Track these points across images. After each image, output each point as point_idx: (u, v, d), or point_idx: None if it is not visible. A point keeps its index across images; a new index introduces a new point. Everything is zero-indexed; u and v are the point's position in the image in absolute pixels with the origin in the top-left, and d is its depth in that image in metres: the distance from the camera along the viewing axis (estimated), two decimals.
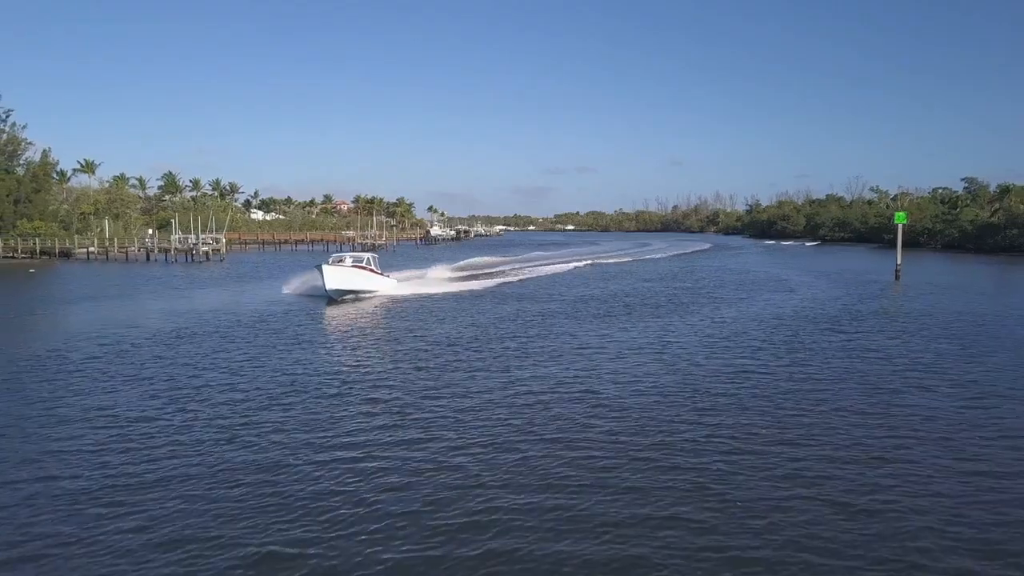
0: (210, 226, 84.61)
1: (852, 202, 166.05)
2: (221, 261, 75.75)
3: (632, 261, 76.18)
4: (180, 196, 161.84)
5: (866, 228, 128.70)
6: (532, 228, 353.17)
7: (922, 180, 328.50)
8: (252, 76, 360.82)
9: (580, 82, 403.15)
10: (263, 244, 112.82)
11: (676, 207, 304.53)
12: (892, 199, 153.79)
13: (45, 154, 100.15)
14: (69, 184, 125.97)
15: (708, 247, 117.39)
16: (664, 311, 32.08)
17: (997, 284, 48.87)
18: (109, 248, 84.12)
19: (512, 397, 15.81)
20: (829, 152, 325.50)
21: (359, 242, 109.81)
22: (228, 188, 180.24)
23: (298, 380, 17.68)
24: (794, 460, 11.59)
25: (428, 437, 12.77)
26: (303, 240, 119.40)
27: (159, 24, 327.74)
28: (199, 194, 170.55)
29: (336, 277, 35.50)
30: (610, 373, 18.44)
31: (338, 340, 24.53)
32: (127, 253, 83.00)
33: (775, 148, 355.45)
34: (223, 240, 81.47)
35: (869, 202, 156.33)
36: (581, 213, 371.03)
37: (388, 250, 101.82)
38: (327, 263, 36.48)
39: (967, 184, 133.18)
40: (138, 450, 12.09)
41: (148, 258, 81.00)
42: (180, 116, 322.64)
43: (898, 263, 50.37)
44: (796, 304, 34.79)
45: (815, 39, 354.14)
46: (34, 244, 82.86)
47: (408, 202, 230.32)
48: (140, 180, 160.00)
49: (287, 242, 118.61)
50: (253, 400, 15.68)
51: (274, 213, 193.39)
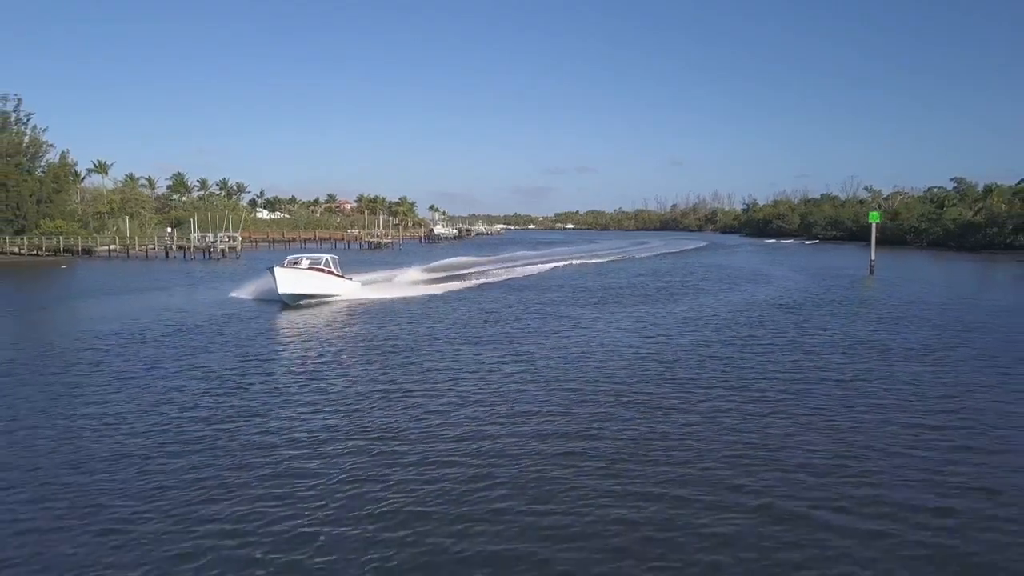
0: (226, 225, 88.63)
1: (845, 201, 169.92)
2: (237, 258, 79.75)
3: (612, 261, 72.88)
4: (188, 196, 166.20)
5: (857, 227, 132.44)
6: (532, 227, 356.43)
7: (920, 179, 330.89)
8: (252, 76, 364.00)
9: (580, 82, 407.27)
10: (273, 242, 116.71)
11: (675, 206, 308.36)
12: (885, 198, 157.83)
13: (64, 156, 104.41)
14: (83, 184, 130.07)
15: (703, 245, 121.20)
16: (651, 300, 36.04)
17: (958, 277, 52.80)
18: (129, 246, 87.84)
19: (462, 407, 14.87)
20: (829, 152, 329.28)
21: (367, 240, 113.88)
22: (235, 188, 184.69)
23: (211, 391, 16.45)
24: (723, 394, 15.57)
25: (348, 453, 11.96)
26: (312, 238, 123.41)
27: (159, 24, 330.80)
28: (206, 194, 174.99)
29: (289, 280, 32.64)
30: (584, 364, 22.30)
31: (276, 348, 22.53)
32: (147, 251, 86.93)
33: (775, 148, 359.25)
34: (239, 238, 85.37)
35: (861, 201, 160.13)
36: (581, 212, 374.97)
37: (394, 248, 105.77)
38: (280, 265, 33.70)
39: (956, 184, 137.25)
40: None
41: (167, 256, 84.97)
42: (180, 116, 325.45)
43: (872, 258, 54.54)
44: (769, 294, 38.77)
45: (815, 39, 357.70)
46: (57, 242, 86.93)
47: (410, 201, 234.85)
48: (149, 180, 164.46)
49: (295, 240, 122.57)
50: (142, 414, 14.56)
51: (279, 212, 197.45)
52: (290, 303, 32.82)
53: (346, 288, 36.23)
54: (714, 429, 13.26)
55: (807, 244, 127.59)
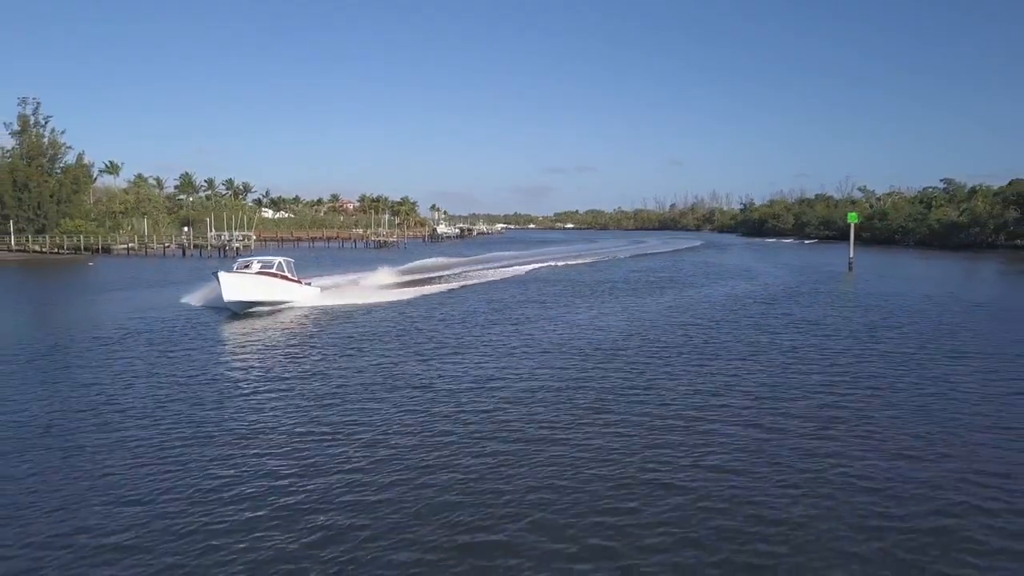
0: (239, 224, 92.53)
1: (839, 202, 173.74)
2: (251, 255, 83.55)
3: (590, 263, 69.34)
4: (195, 196, 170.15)
5: (848, 226, 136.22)
6: (532, 226, 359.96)
7: (917, 180, 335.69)
8: (252, 76, 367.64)
9: (580, 82, 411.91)
10: (282, 241, 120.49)
11: (674, 206, 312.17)
12: (878, 199, 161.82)
13: (80, 157, 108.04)
14: (94, 184, 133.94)
15: (699, 244, 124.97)
16: (641, 292, 39.91)
17: (927, 273, 56.64)
18: (148, 244, 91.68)
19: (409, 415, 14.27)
20: (828, 152, 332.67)
21: (373, 239, 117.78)
22: (241, 188, 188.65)
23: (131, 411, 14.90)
24: (691, 359, 19.44)
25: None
26: (319, 237, 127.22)
27: (159, 24, 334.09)
28: (213, 193, 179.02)
29: (236, 286, 30.10)
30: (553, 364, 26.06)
31: (204, 366, 19.68)
32: (164, 249, 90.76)
33: (774, 148, 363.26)
34: (253, 237, 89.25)
35: (853, 201, 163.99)
36: (581, 212, 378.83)
37: (399, 247, 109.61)
38: (226, 270, 31.61)
39: (946, 185, 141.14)
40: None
41: (184, 254, 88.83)
42: (180, 116, 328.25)
43: (851, 256, 58.42)
44: (749, 287, 42.66)
45: (814, 39, 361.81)
46: (78, 241, 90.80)
47: (412, 201, 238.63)
48: (158, 180, 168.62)
49: (303, 239, 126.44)
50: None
51: (283, 212, 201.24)
52: (238, 311, 30.26)
53: (302, 294, 33.81)
54: (675, 382, 17.13)
55: (802, 244, 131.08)
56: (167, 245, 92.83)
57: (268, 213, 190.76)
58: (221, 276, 30.21)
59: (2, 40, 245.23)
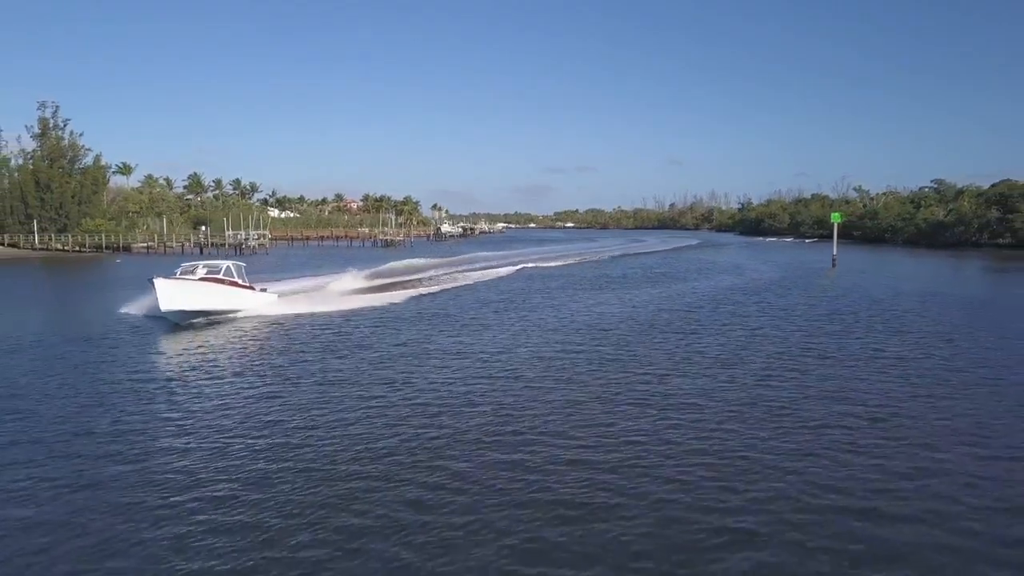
0: (254, 223, 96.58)
1: (834, 201, 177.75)
2: (267, 254, 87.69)
3: (576, 263, 67.39)
4: (202, 195, 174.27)
5: (841, 226, 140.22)
6: (532, 226, 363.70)
7: (915, 179, 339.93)
8: (252, 76, 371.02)
9: (580, 82, 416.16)
10: (292, 240, 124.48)
11: (673, 205, 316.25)
12: (871, 199, 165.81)
13: (97, 159, 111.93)
14: (108, 184, 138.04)
15: (696, 243, 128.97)
16: (640, 285, 43.91)
17: (906, 270, 60.66)
18: (167, 242, 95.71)
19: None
20: (827, 151, 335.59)
21: (380, 238, 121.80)
22: (248, 188, 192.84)
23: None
24: (673, 336, 23.43)
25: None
26: (328, 236, 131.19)
27: (158, 24, 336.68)
28: (220, 193, 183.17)
29: (173, 294, 27.08)
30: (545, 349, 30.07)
31: (125, 385, 17.47)
32: (183, 247, 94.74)
33: (774, 147, 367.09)
34: (268, 235, 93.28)
35: (847, 201, 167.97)
36: (581, 211, 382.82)
37: (405, 246, 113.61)
38: (163, 275, 27.86)
39: (936, 185, 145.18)
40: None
41: (201, 252, 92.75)
42: (180, 115, 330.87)
43: (834, 253, 62.51)
44: (736, 281, 46.70)
45: (814, 39, 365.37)
46: (99, 240, 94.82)
47: (415, 201, 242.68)
48: (167, 180, 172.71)
49: (311, 238, 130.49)
50: None
51: (288, 212, 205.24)
52: (178, 321, 27.45)
53: (254, 301, 30.86)
54: (656, 352, 21.13)
55: (799, 243, 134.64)
56: (185, 243, 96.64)
57: (274, 213, 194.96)
58: (157, 283, 26.85)
59: (2, 39, 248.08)
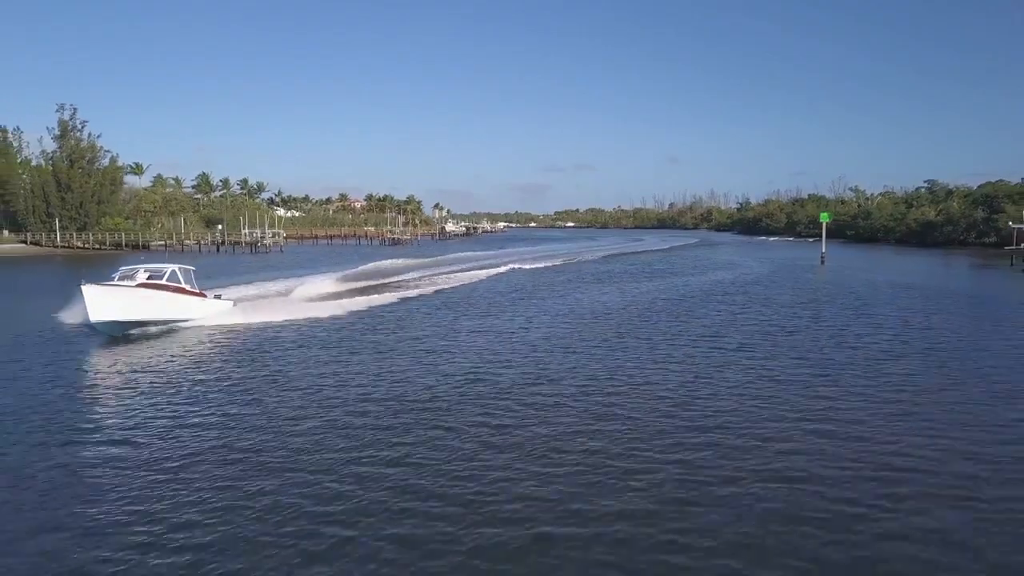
0: (266, 223, 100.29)
1: (830, 201, 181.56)
2: (281, 251, 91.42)
3: (564, 264, 65.17)
4: (210, 195, 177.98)
5: (836, 225, 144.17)
6: (533, 224, 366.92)
7: (914, 179, 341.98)
8: (251, 75, 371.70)
9: (579, 81, 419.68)
10: (302, 239, 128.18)
11: (672, 204, 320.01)
12: (867, 199, 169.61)
13: (113, 160, 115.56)
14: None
15: (695, 242, 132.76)
16: (634, 280, 47.61)
17: (891, 265, 64.29)
18: (183, 240, 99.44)
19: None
20: (827, 150, 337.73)
21: (389, 237, 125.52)
22: (255, 187, 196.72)
23: None
24: (671, 338, 27.14)
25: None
26: (338, 235, 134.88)
27: (158, 23, 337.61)
28: (227, 192, 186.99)
29: (104, 303, 23.94)
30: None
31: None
32: (200, 245, 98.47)
33: (773, 146, 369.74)
34: (282, 234, 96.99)
35: (843, 201, 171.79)
36: (581, 210, 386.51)
37: (413, 244, 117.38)
38: (93, 281, 24.57)
39: (929, 186, 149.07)
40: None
41: (218, 250, 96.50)
42: (179, 115, 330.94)
43: (823, 251, 66.27)
44: (727, 276, 50.47)
45: (814, 38, 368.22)
46: (119, 238, 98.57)
47: (417, 200, 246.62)
48: (177, 180, 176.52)
49: (320, 237, 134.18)
50: None
51: (293, 211, 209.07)
52: (114, 333, 24.42)
53: (204, 310, 27.79)
54: (652, 330, 24.85)
55: (795, 242, 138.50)
56: (202, 242, 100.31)
57: (279, 212, 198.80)
58: (85, 290, 23.55)
59: (1, 38, 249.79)
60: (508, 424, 14.00)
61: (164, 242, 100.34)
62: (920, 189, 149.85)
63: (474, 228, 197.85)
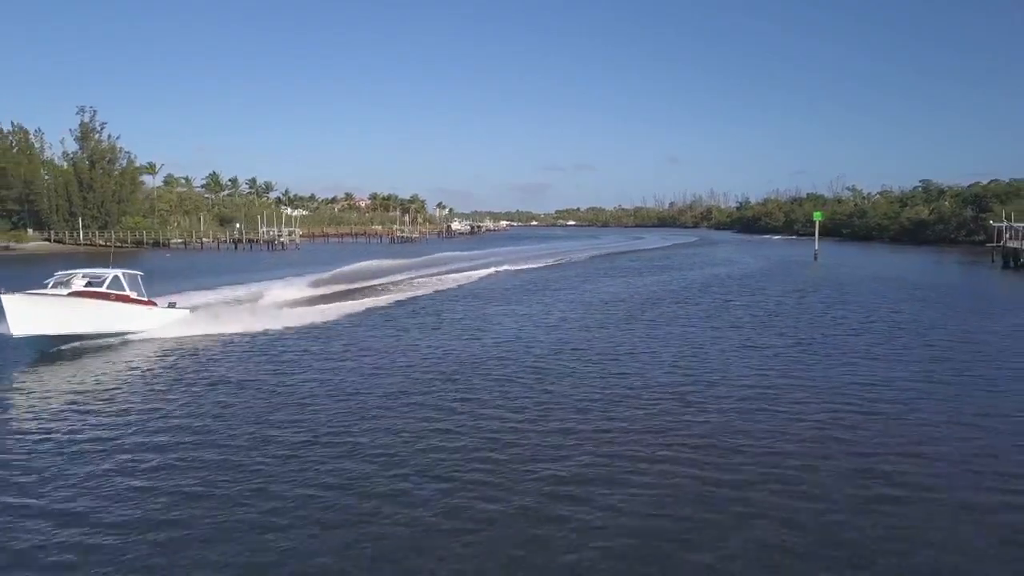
0: (279, 222, 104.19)
1: (827, 200, 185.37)
2: (297, 249, 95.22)
3: (555, 265, 62.03)
4: (219, 194, 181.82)
5: (832, 224, 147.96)
6: (535, 223, 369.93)
7: (912, 179, 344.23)
8: (251, 75, 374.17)
9: (578, 80, 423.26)
10: (313, 236, 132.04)
11: (673, 203, 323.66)
12: (863, 198, 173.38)
13: (131, 161, 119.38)
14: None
15: (694, 240, 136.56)
16: (636, 274, 51.39)
17: (879, 263, 68.05)
18: (203, 238, 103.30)
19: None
20: (827, 150, 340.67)
21: (398, 235, 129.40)
22: (264, 187, 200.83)
23: None
24: (662, 325, 30.95)
25: None
26: (348, 233, 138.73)
27: (158, 23, 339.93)
28: (235, 191, 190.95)
29: (27, 314, 21.50)
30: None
31: None
32: (218, 243, 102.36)
33: (773, 145, 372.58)
34: (299, 232, 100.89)
35: (840, 200, 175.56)
36: (582, 209, 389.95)
37: (422, 241, 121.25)
38: (13, 290, 22.01)
39: (923, 185, 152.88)
40: None
41: (236, 247, 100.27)
42: (178, 114, 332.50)
43: (816, 248, 70.16)
44: (722, 270, 54.32)
45: (814, 37, 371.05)
46: (141, 236, 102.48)
47: (421, 199, 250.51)
48: (187, 179, 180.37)
49: (331, 236, 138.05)
50: None
51: (300, 210, 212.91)
52: (44, 348, 22.11)
53: (153, 320, 24.85)
54: (657, 313, 28.64)
55: (791, 240, 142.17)
56: (221, 240, 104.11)
57: (286, 211, 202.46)
58: (5, 300, 21.23)
59: (2, 38, 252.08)
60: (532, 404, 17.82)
61: (183, 240, 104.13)
62: (917, 188, 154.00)
63: (478, 227, 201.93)
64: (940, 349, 21.45)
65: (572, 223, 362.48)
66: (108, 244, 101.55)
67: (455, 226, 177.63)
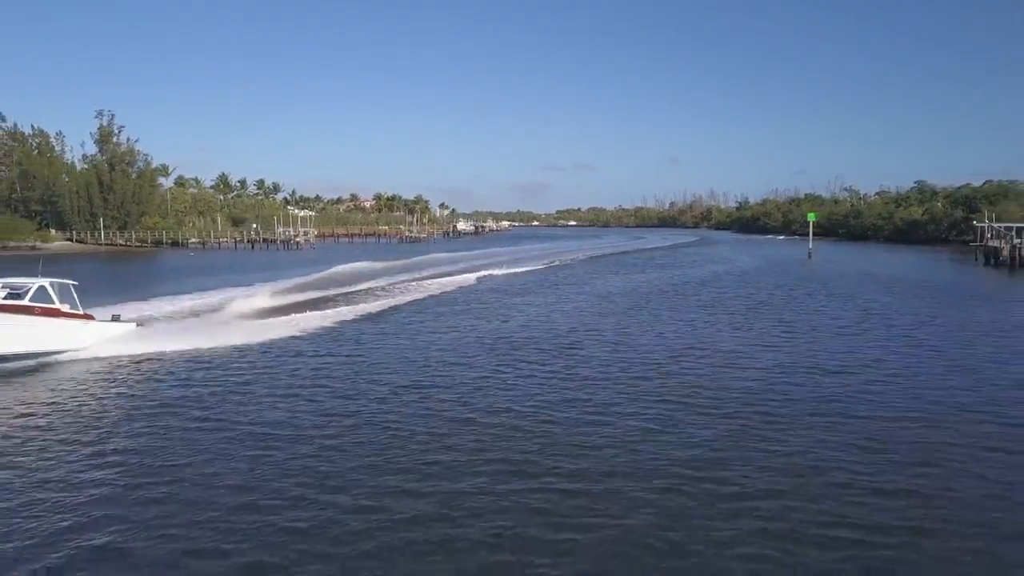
0: (297, 223, 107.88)
1: (825, 200, 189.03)
2: (312, 248, 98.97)
3: (542, 270, 58.07)
4: (228, 195, 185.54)
5: (829, 224, 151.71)
6: (536, 223, 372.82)
7: (911, 178, 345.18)
8: (251, 75, 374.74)
9: (578, 80, 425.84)
10: (324, 236, 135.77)
11: (673, 203, 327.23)
12: (860, 198, 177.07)
13: (148, 162, 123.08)
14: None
15: (694, 240, 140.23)
16: (638, 271, 55.05)
17: (869, 261, 71.72)
18: (220, 238, 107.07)
19: None
20: (827, 149, 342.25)
21: (407, 235, 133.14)
22: (272, 187, 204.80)
23: None
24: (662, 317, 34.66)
25: None
26: (358, 233, 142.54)
27: (158, 23, 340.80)
28: (243, 192, 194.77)
29: None
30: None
31: None
32: (235, 243, 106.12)
33: (773, 146, 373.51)
34: (314, 232, 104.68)
35: (837, 201, 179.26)
36: (582, 209, 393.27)
37: (431, 241, 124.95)
38: None
39: (918, 186, 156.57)
40: None
41: (253, 247, 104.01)
42: (180, 115, 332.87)
43: (810, 247, 73.93)
44: (719, 267, 58.04)
45: (814, 38, 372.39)
46: (160, 236, 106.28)
47: (425, 200, 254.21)
48: (197, 180, 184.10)
49: (342, 235, 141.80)
50: None
51: (306, 210, 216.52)
52: None
53: (89, 337, 22.01)
54: (657, 302, 32.32)
55: (790, 239, 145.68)
56: (238, 240, 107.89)
57: (292, 211, 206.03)
58: None
59: (1, 37, 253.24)
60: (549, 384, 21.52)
61: (202, 240, 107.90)
62: (912, 189, 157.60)
63: (482, 227, 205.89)
64: (900, 328, 25.25)
65: (573, 223, 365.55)
66: (128, 244, 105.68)
67: (461, 226, 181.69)
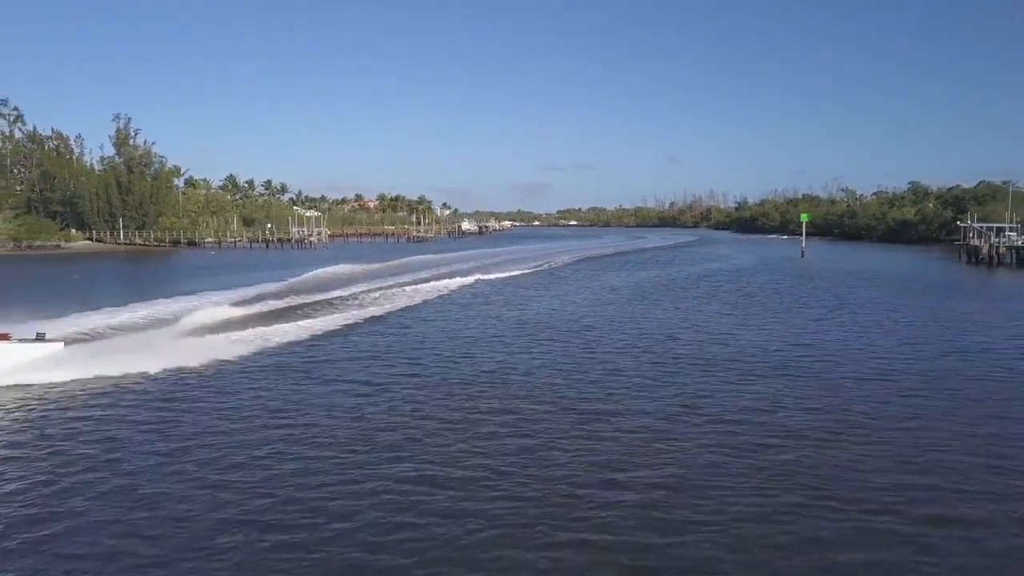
0: (307, 223, 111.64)
1: (822, 201, 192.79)
2: (325, 247, 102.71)
3: (530, 274, 52.78)
4: (235, 195, 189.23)
5: (825, 224, 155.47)
6: (537, 223, 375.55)
7: (909, 179, 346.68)
8: (251, 75, 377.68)
9: (578, 80, 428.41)
10: (333, 236, 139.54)
11: (673, 203, 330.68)
12: (856, 198, 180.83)
13: (163, 163, 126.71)
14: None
15: (694, 239, 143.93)
16: (640, 268, 58.85)
17: (860, 259, 75.47)
18: (236, 237, 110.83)
19: None
20: (827, 149, 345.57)
21: (415, 235, 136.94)
22: (279, 188, 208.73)
23: None
24: (661, 314, 38.43)
25: None
26: (366, 233, 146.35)
27: (158, 23, 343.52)
28: (251, 192, 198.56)
29: None
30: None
31: None
32: (250, 243, 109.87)
33: (772, 146, 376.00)
34: (327, 232, 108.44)
35: (834, 201, 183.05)
36: (583, 209, 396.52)
37: (438, 241, 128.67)
38: None
39: (911, 186, 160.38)
40: None
41: (267, 246, 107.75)
42: (179, 115, 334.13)
43: (803, 246, 77.70)
44: (715, 265, 61.80)
45: (814, 38, 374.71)
46: (177, 235, 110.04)
47: (428, 200, 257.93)
48: (206, 181, 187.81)
49: (350, 235, 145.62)
50: None
51: (312, 210, 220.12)
52: None
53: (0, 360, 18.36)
54: (654, 296, 36.07)
55: (789, 239, 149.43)
56: (252, 239, 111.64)
57: (298, 211, 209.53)
58: None
59: (1, 37, 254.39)
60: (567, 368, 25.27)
61: (218, 240, 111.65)
62: (908, 190, 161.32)
63: (485, 227, 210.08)
64: (865, 314, 29.06)
65: (574, 223, 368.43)
66: (147, 243, 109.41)
67: (465, 226, 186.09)
